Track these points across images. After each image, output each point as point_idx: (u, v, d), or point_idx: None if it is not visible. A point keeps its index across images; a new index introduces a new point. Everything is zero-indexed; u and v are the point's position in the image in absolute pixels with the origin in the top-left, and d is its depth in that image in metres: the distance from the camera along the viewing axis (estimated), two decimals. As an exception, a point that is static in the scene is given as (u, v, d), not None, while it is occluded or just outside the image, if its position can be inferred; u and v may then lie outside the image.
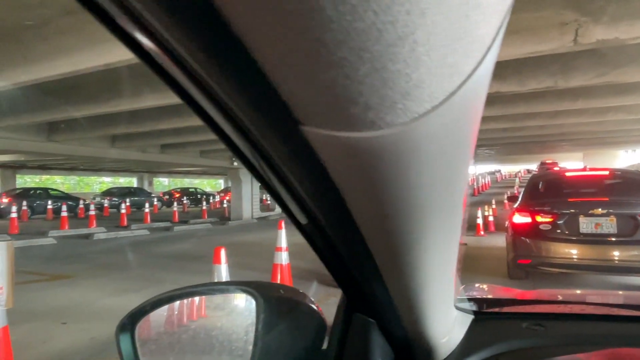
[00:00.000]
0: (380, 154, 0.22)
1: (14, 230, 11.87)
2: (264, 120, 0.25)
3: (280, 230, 4.58)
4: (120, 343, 0.60)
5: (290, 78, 0.20)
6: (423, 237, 0.33)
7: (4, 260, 2.26)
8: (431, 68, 0.19)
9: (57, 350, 3.52)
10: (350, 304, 0.54)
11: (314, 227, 0.39)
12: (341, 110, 0.20)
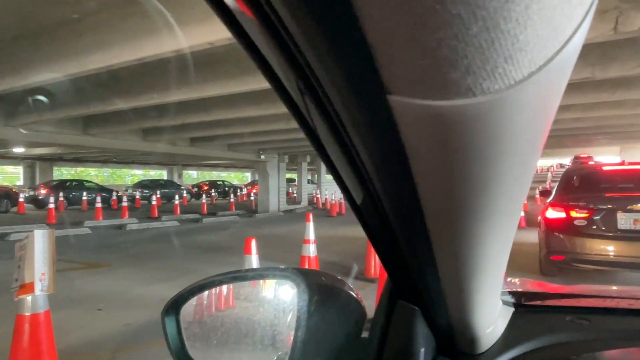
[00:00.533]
0: (465, 124, 0.22)
1: (51, 220, 12.36)
2: (348, 87, 0.24)
3: (308, 223, 4.60)
4: (166, 325, 0.62)
5: (392, 40, 0.19)
6: (486, 222, 0.32)
7: (46, 248, 2.35)
8: (537, 29, 0.19)
9: (93, 336, 3.66)
10: (394, 291, 0.54)
11: (371, 207, 0.39)
12: (438, 76, 0.20)
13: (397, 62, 0.20)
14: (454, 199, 0.29)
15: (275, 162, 18.27)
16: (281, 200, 18.53)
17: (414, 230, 0.36)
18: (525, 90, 0.21)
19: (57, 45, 5.68)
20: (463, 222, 0.32)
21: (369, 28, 0.19)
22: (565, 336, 0.65)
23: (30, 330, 2.40)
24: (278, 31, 0.24)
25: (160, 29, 4.76)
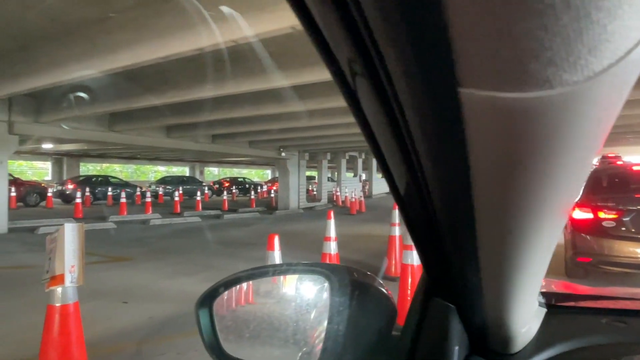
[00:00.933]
0: (536, 116, 0.22)
1: (78, 215, 12.70)
2: (419, 79, 0.24)
3: (329, 221, 4.60)
4: (200, 318, 0.63)
5: (474, 32, 0.19)
6: (537, 218, 0.32)
7: (76, 241, 2.42)
8: (625, 19, 0.18)
9: (119, 327, 3.75)
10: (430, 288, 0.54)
11: (418, 199, 0.38)
12: (517, 68, 0.19)
13: (475, 54, 0.20)
14: (509, 193, 0.29)
15: (295, 160, 18.33)
16: (301, 198, 18.59)
17: (462, 225, 0.36)
18: (601, 82, 0.21)
19: (85, 43, 5.82)
20: (514, 217, 0.31)
21: (453, 19, 0.19)
22: (602, 338, 0.64)
23: (60, 320, 2.47)
24: (353, 18, 0.24)
25: (186, 27, 4.83)
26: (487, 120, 0.23)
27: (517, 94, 0.20)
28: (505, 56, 0.19)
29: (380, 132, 0.34)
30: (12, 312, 4.14)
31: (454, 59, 0.21)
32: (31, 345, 3.09)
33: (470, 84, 0.21)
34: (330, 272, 0.58)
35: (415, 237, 0.47)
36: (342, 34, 0.26)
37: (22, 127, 9.93)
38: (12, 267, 6.16)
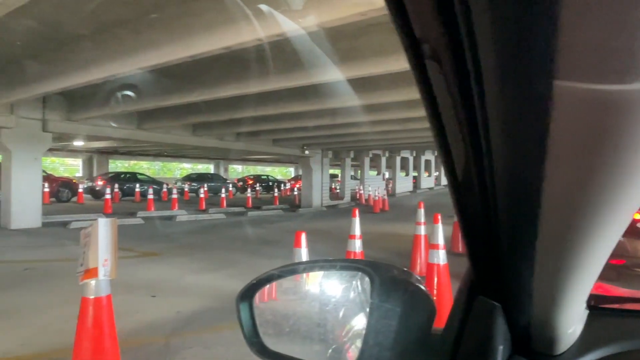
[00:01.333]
0: (634, 109, 0.21)
1: (107, 210, 13.04)
2: (511, 70, 0.24)
3: (354, 219, 4.59)
4: (240, 311, 0.64)
5: (585, 20, 0.19)
6: (605, 216, 0.31)
7: (109, 235, 2.49)
8: None
9: (148, 321, 3.84)
10: (475, 286, 0.53)
11: (478, 193, 0.38)
12: (626, 57, 0.19)
13: (581, 45, 0.20)
14: (584, 189, 0.28)
15: (318, 158, 18.36)
16: (324, 196, 18.62)
17: (525, 221, 0.36)
18: None
19: (116, 43, 5.97)
20: (583, 216, 0.31)
21: (564, 9, 0.19)
22: None
23: (94, 312, 2.55)
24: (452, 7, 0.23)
25: (211, 27, 4.90)
26: (578, 113, 0.23)
27: (619, 86, 0.20)
28: (612, 46, 0.19)
29: (451, 124, 0.34)
30: (49, 303, 4.29)
31: (556, 50, 0.20)
32: (67, 336, 3.20)
33: (569, 76, 0.21)
34: (372, 269, 0.58)
35: (467, 234, 0.46)
36: (434, 23, 0.26)
37: (55, 125, 10.27)
38: (47, 261, 6.38)
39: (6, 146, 9.48)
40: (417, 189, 27.83)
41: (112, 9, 5.43)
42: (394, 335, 0.56)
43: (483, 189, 0.37)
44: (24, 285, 4.99)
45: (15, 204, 9.52)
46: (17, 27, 5.56)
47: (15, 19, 4.98)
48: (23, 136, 9.69)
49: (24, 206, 9.65)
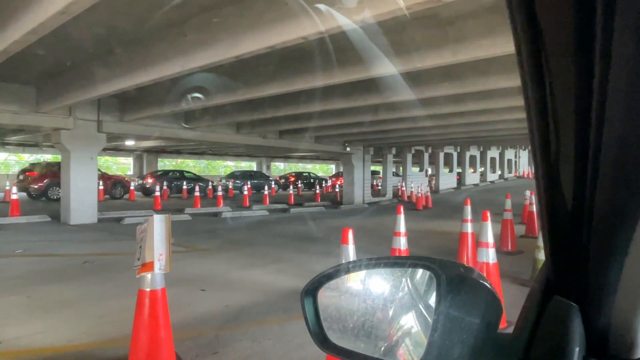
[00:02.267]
0: None
1: (157, 207, 13.59)
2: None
3: (399, 215, 4.55)
4: (305, 306, 0.65)
5: None
6: None
7: (164, 231, 2.60)
8: None
9: (198, 314, 3.98)
10: (550, 285, 0.52)
11: (577, 189, 0.37)
12: None
13: None
14: None
15: (360, 154, 18.28)
16: (366, 192, 18.54)
17: (624, 219, 0.34)
18: None
19: (164, 46, 6.19)
20: None
21: None
22: None
23: (150, 304, 2.67)
24: None
25: (256, 27, 4.97)
26: None
27: None
28: None
29: (564, 119, 0.33)
30: (106, 295, 4.54)
31: None
32: (123, 326, 3.37)
33: None
34: (438, 266, 0.57)
35: (552, 231, 0.45)
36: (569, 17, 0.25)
37: (108, 126, 10.81)
38: (103, 254, 6.74)
39: (66, 146, 10.08)
40: (461, 186, 27.13)
41: (161, 13, 5.63)
42: (461, 334, 0.55)
43: (581, 186, 0.35)
44: (83, 278, 5.30)
45: (74, 201, 10.11)
46: (75, 33, 5.86)
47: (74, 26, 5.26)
48: (80, 137, 10.27)
49: (82, 203, 10.23)
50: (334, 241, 8.38)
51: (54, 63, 7.80)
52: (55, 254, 6.77)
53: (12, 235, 8.33)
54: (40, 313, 3.95)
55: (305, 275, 5.40)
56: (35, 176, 15.90)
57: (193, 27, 5.69)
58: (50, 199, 15.52)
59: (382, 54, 5.59)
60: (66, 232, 9.06)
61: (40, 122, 9.79)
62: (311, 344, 2.29)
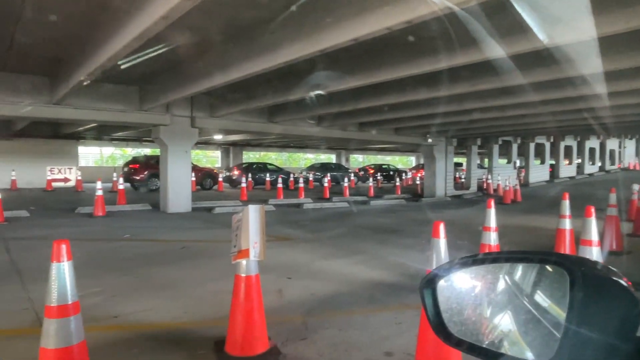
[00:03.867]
0: None
1: (243, 197, 14.30)
2: None
3: (489, 210, 4.35)
4: (424, 297, 0.67)
5: None
6: None
7: (258, 220, 2.75)
8: None
9: (286, 300, 4.15)
10: None
11: None
12: None
13: None
14: None
15: (442, 146, 17.69)
16: (448, 185, 17.92)
17: None
18: None
19: (253, 43, 6.46)
20: None
21: None
22: None
23: (245, 289, 2.84)
24: None
25: (340, 20, 5.00)
26: None
27: None
28: None
29: None
30: (202, 278, 4.90)
31: None
32: (219, 307, 3.63)
33: None
34: (572, 264, 0.56)
35: None
36: None
37: (200, 121, 11.56)
38: (198, 241, 7.27)
39: (164, 141, 10.96)
40: (555, 179, 25.14)
41: (250, 12, 5.87)
42: (597, 334, 0.54)
43: None
44: (182, 262, 5.76)
45: (171, 192, 10.99)
46: (171, 36, 6.33)
47: (171, 30, 5.68)
48: (176, 132, 11.11)
49: (178, 193, 11.09)
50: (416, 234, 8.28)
51: (153, 65, 8.49)
52: (157, 240, 7.43)
53: (119, 222, 9.27)
54: (147, 292, 4.37)
55: (388, 267, 5.41)
56: (137, 168, 17.50)
57: (279, 25, 5.87)
58: (150, 189, 17.01)
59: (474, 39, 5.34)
60: (165, 219, 9.89)
61: (142, 119, 10.73)
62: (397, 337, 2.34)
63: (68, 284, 1.85)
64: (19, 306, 3.83)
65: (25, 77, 9.12)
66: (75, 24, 6.15)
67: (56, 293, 1.81)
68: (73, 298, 1.87)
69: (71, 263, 1.89)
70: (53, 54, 7.74)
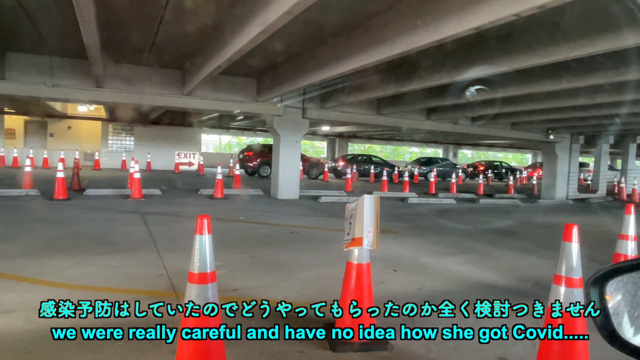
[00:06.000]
0: None
1: (348, 188, 14.51)
2: None
3: (627, 216, 3.87)
4: (591, 295, 0.64)
5: None
6: None
7: (373, 210, 2.79)
8: None
9: (392, 292, 4.15)
10: None
11: None
12: None
13: None
14: None
15: (566, 143, 16.04)
16: (571, 187, 16.23)
17: None
18: None
19: (367, 35, 6.47)
20: None
21: None
22: None
23: (356, 276, 2.91)
24: None
25: (461, 8, 4.78)
26: None
27: None
28: None
29: None
30: (310, 263, 5.11)
31: None
32: (327, 291, 3.76)
33: None
34: None
35: None
36: None
37: (311, 112, 11.96)
38: (306, 227, 7.58)
39: (277, 131, 11.57)
40: None
41: (366, 4, 5.90)
42: None
43: None
44: (291, 245, 6.06)
45: (281, 179, 11.59)
46: (290, 30, 6.62)
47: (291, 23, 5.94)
48: (288, 122, 11.64)
49: (288, 181, 11.65)
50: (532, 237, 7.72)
51: (270, 58, 8.98)
52: (268, 223, 7.91)
53: (235, 204, 10.04)
54: (261, 270, 4.70)
55: (501, 270, 5.12)
56: (251, 155, 18.74)
57: (395, 15, 5.80)
58: (262, 175, 18.09)
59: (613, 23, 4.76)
60: (275, 204, 10.47)
61: (259, 109, 11.44)
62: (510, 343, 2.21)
63: (208, 255, 2.08)
64: (156, 272, 4.38)
65: (162, 71, 10.27)
66: (207, 21, 6.74)
67: (198, 262, 2.05)
68: (212, 268, 2.10)
69: (211, 236, 2.12)
70: (186, 49, 8.58)
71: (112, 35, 7.42)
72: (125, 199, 9.83)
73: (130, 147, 21.47)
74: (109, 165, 20.25)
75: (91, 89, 9.77)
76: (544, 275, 4.56)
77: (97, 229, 6.55)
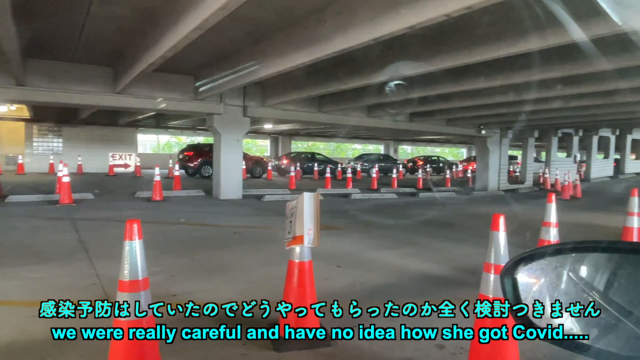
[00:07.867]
0: None
1: (292, 187, 14.49)
2: None
3: (549, 204, 4.17)
4: (505, 285, 0.66)
5: None
6: None
7: (313, 207, 2.79)
8: None
9: (336, 288, 4.19)
10: None
11: None
12: None
13: None
14: None
15: (496, 138, 17.04)
16: (502, 179, 17.27)
17: None
18: None
19: (304, 33, 6.47)
20: None
21: None
22: None
23: (298, 274, 2.90)
24: None
25: (395, 6, 4.91)
26: None
27: None
28: None
29: None
30: (254, 263, 5.04)
31: None
32: (271, 291, 3.71)
33: None
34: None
35: None
36: None
37: (252, 110, 11.79)
38: (249, 227, 7.47)
39: (217, 130, 11.30)
40: (620, 174, 23.56)
41: (302, 3, 5.89)
42: None
43: None
44: (234, 246, 5.95)
45: (223, 179, 11.34)
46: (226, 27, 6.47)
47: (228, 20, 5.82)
48: (229, 121, 11.40)
49: (230, 180, 11.42)
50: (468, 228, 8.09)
51: (208, 54, 8.74)
52: (210, 224, 7.71)
53: (175, 206, 9.69)
54: (203, 274, 4.57)
55: (440, 260, 5.33)
56: (191, 155, 18.17)
57: (332, 13, 5.85)
58: (203, 176, 17.61)
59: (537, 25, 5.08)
60: (217, 205, 10.23)
61: (197, 108, 11.11)
62: (449, 331, 2.20)
63: (139, 261, 1.98)
64: (88, 281, 4.12)
65: (92, 67, 9.68)
66: (138, 16, 6.43)
67: (128, 269, 1.94)
68: (143, 275, 2.00)
69: (142, 242, 2.01)
70: (117, 45, 8.14)
71: (32, 28, 6.87)
72: (54, 205, 9.18)
73: (58, 149, 20.07)
74: (34, 169, 18.81)
75: (10, 87, 9.01)
76: (478, 263, 4.80)
77: (20, 239, 6.05)
